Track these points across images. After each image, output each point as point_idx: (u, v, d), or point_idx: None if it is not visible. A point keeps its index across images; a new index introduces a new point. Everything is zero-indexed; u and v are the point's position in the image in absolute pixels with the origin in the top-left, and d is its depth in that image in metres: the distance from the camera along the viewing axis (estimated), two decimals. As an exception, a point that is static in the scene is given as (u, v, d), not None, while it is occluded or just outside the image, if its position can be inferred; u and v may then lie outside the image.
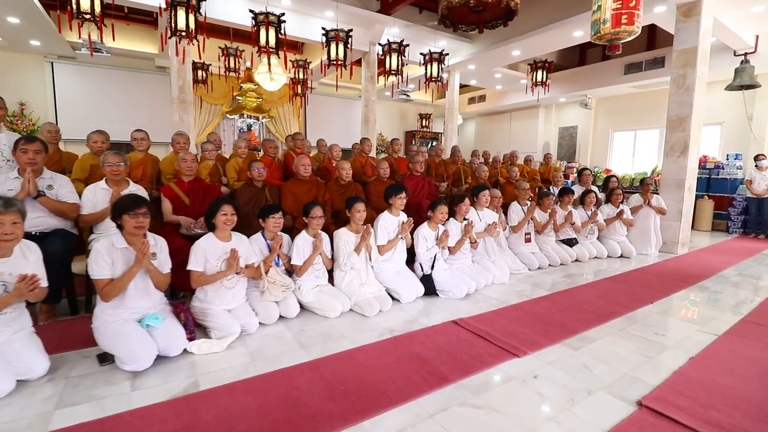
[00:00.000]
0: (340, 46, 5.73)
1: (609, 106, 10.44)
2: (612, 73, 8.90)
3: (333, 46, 5.72)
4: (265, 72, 7.46)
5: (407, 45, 6.35)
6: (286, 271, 3.06)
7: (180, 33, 4.59)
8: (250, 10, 5.11)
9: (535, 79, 7.88)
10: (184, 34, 4.60)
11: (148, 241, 2.19)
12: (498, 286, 3.74)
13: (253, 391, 1.92)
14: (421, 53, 6.77)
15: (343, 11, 6.73)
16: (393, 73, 6.33)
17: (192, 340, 2.32)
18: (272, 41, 5.14)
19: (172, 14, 4.55)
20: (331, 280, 3.22)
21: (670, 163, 5.45)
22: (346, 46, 5.77)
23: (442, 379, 2.04)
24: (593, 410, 1.81)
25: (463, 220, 3.80)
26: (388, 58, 6.30)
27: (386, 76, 6.45)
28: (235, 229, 2.73)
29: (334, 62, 5.75)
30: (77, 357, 2.22)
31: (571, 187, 5.21)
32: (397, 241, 3.39)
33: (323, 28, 5.76)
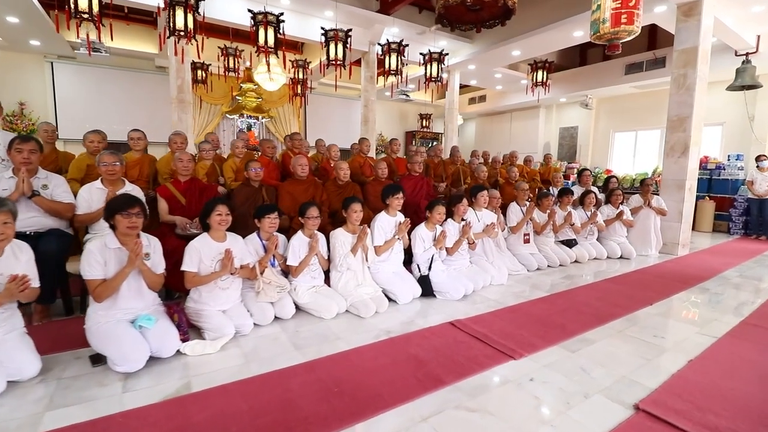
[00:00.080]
0: (339, 46, 5.71)
1: (610, 107, 10.40)
2: (613, 74, 8.86)
3: (332, 46, 5.70)
4: (265, 72, 7.45)
5: (407, 45, 6.33)
6: (282, 272, 3.04)
7: (178, 32, 4.58)
8: (249, 10, 5.09)
9: (535, 80, 7.84)
10: (182, 33, 4.59)
11: (141, 241, 2.17)
12: (496, 288, 3.72)
13: (246, 393, 1.90)
14: (421, 53, 6.75)
15: (343, 11, 6.71)
16: (392, 73, 6.31)
17: (186, 341, 2.30)
18: (271, 41, 5.13)
19: (170, 14, 4.54)
20: (328, 280, 3.20)
21: (670, 164, 5.42)
22: (345, 45, 5.75)
23: (438, 382, 2.02)
24: (589, 414, 1.78)
25: (461, 220, 3.78)
26: (388, 58, 6.28)
27: (386, 77, 6.43)
28: (232, 230, 2.71)
29: (333, 62, 5.73)
30: (70, 358, 2.20)
31: (570, 188, 5.18)
32: (394, 242, 3.37)
33: (322, 28, 5.75)
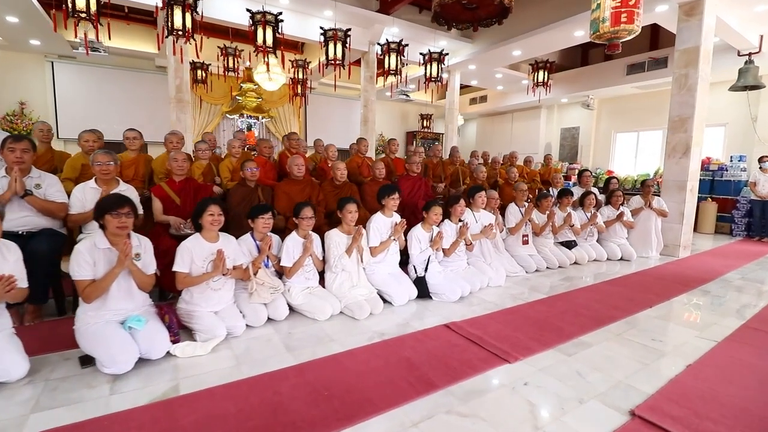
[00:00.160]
0: (339, 46, 5.69)
1: (611, 107, 10.33)
2: (614, 74, 8.80)
3: (331, 46, 5.67)
4: (265, 72, 7.44)
5: (406, 45, 6.30)
6: (276, 273, 3.01)
7: (176, 32, 4.56)
8: (248, 9, 5.07)
9: (536, 80, 7.80)
10: (180, 33, 4.58)
11: (130, 241, 2.14)
12: (494, 289, 3.68)
13: (235, 396, 1.88)
14: (421, 53, 6.72)
15: (342, 11, 6.68)
16: (392, 73, 6.28)
17: (176, 342, 2.28)
18: (270, 41, 5.11)
19: (168, 13, 4.53)
20: (322, 281, 3.17)
21: (671, 165, 5.37)
22: (345, 45, 5.73)
23: (430, 386, 1.98)
24: (584, 420, 1.74)
25: (459, 221, 3.74)
26: (387, 58, 6.26)
27: (385, 77, 6.41)
28: (228, 230, 2.69)
29: (333, 62, 5.71)
30: (59, 359, 2.18)
31: (570, 189, 5.13)
32: (390, 243, 3.34)
33: (321, 28, 5.73)
